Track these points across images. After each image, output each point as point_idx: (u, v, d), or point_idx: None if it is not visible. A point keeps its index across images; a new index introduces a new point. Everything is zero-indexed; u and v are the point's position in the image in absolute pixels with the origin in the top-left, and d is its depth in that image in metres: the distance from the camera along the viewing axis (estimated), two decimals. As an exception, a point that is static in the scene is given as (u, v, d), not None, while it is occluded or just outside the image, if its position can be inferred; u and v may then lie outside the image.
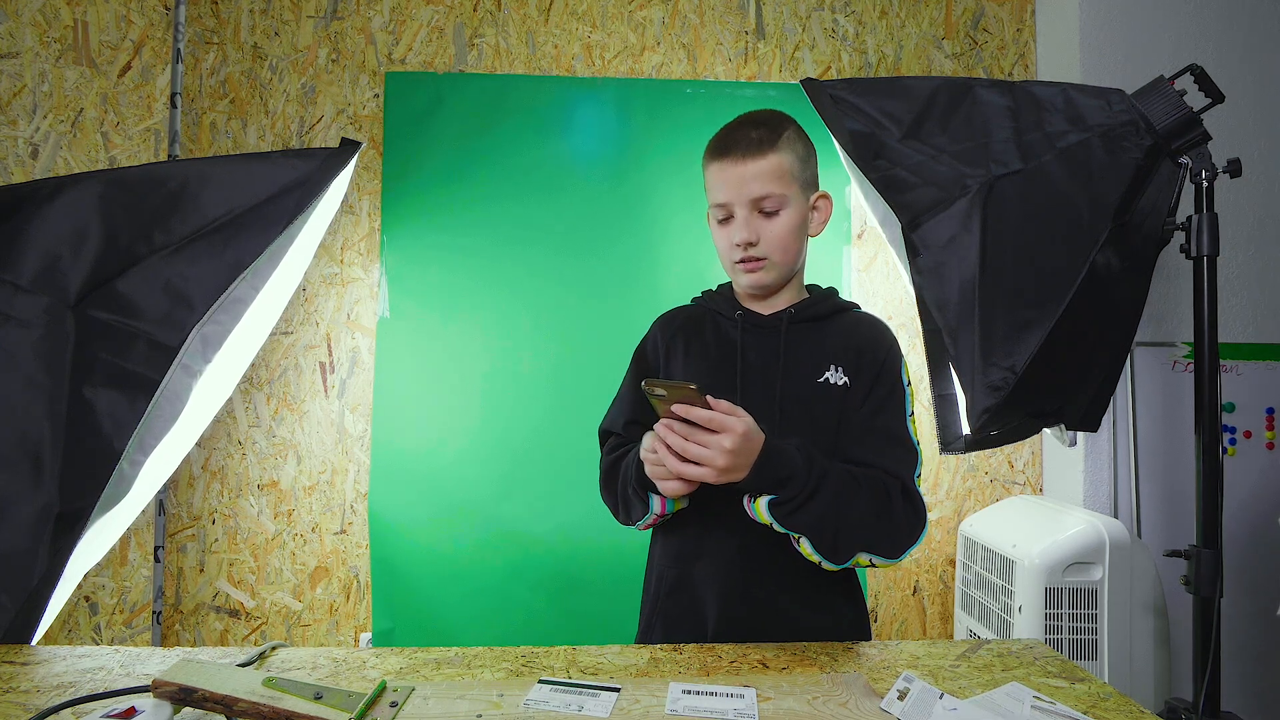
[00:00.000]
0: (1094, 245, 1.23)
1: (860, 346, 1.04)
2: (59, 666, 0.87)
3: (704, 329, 1.09)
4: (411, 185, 1.89)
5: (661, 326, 1.14)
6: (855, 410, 1.01)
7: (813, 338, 1.04)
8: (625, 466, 1.02)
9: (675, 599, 1.03)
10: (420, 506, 1.84)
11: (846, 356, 1.03)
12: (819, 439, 0.99)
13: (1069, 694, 0.80)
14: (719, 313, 1.09)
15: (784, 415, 0.99)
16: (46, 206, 1.13)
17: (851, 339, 1.05)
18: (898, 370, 1.04)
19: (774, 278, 1.04)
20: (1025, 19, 2.04)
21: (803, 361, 1.03)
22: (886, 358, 1.04)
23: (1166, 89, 1.29)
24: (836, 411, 1.01)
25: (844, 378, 1.01)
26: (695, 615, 1.01)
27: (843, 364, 1.02)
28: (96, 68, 1.87)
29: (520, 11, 1.96)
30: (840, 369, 1.02)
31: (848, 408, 1.01)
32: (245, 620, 1.87)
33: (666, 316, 1.15)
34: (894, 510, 0.94)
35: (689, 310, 1.14)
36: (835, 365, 1.02)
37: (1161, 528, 1.79)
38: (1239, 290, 1.85)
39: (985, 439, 1.26)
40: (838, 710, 0.75)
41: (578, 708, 0.74)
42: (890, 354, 1.04)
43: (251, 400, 1.88)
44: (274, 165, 1.19)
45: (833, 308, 1.08)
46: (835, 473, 0.92)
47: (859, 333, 1.06)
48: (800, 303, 1.07)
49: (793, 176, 1.01)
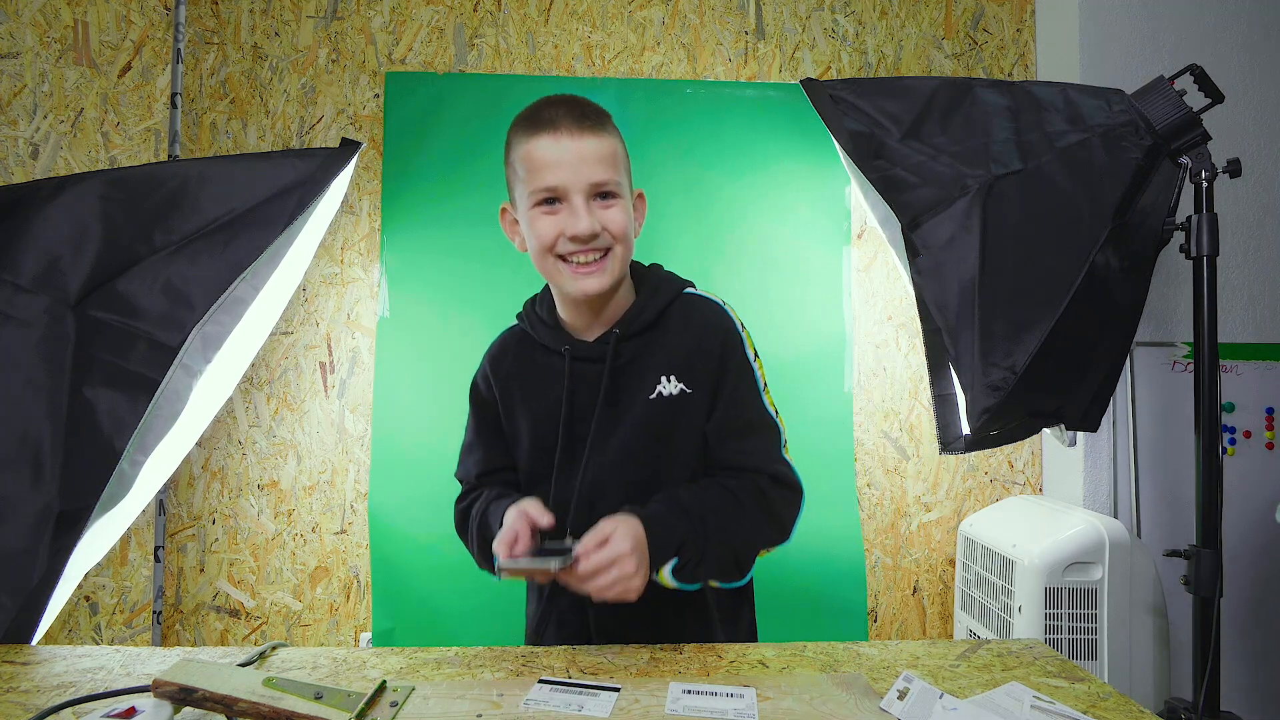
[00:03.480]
0: (1094, 245, 1.23)
1: (691, 349, 0.97)
2: (59, 666, 0.87)
3: (533, 371, 1.01)
4: (411, 185, 1.89)
5: (492, 368, 1.06)
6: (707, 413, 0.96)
7: (640, 352, 0.97)
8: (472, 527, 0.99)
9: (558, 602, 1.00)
10: (420, 506, 1.84)
11: (678, 363, 0.96)
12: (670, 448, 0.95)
13: (1069, 694, 0.80)
14: (546, 346, 1.00)
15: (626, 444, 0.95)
16: (47, 206, 1.13)
17: (682, 340, 0.97)
18: (740, 353, 0.97)
19: (613, 279, 0.94)
20: (1025, 19, 2.04)
21: (631, 383, 0.96)
22: (723, 349, 0.97)
23: (1166, 89, 1.29)
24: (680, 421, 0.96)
25: (678, 385, 0.95)
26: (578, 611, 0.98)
27: (674, 371, 0.95)
28: (96, 68, 1.87)
29: (520, 11, 1.96)
30: (672, 378, 0.95)
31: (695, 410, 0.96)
32: (245, 620, 1.87)
33: (494, 355, 1.07)
34: (772, 504, 0.93)
35: (515, 345, 1.05)
36: (666, 376, 0.95)
37: (1161, 528, 1.79)
38: (1239, 290, 1.85)
39: (985, 439, 1.26)
40: (838, 710, 0.75)
41: (578, 707, 0.74)
42: (727, 342, 0.97)
43: (251, 400, 1.88)
44: (274, 165, 1.19)
45: (661, 304, 0.99)
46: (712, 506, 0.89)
47: (687, 329, 0.98)
48: (626, 316, 0.98)
49: (622, 169, 0.94)
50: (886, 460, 1.96)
